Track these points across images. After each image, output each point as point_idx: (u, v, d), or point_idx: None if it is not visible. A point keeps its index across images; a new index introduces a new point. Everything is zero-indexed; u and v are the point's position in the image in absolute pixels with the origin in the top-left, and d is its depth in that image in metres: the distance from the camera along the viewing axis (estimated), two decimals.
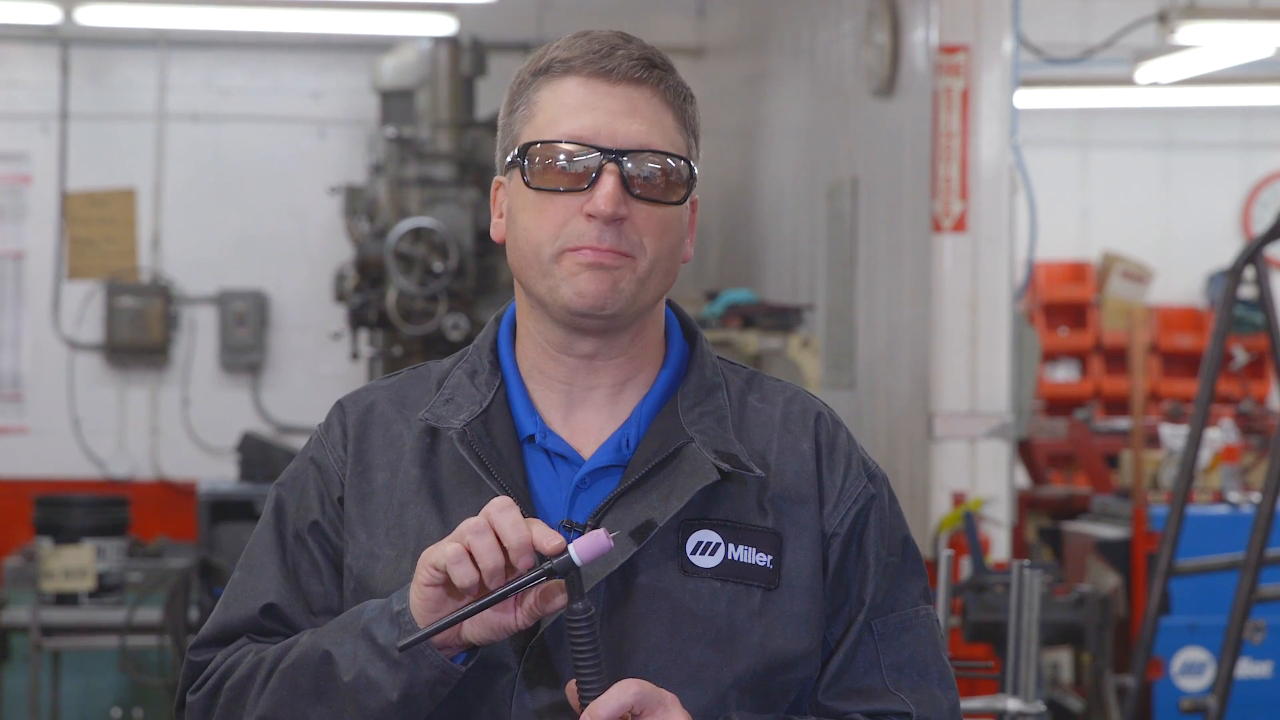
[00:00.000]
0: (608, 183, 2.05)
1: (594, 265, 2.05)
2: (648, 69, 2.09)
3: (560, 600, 1.96)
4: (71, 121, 9.94)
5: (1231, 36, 8.10)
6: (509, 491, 2.06)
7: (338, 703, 2.02)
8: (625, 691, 1.95)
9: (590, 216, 2.05)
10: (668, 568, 2.07)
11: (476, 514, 2.00)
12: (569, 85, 2.09)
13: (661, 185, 2.08)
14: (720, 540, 2.08)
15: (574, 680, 1.96)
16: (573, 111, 2.08)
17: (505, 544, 1.93)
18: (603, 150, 2.06)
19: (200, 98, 10.04)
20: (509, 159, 2.12)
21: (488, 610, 1.95)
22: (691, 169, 2.11)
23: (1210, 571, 6.51)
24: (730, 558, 2.08)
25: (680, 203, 2.10)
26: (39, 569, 7.30)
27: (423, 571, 1.96)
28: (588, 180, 2.06)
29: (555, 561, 1.93)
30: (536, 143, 2.09)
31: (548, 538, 1.93)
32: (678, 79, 2.12)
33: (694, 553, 2.08)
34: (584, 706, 1.95)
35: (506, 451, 2.10)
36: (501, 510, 1.94)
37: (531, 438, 2.12)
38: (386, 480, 2.14)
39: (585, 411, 2.14)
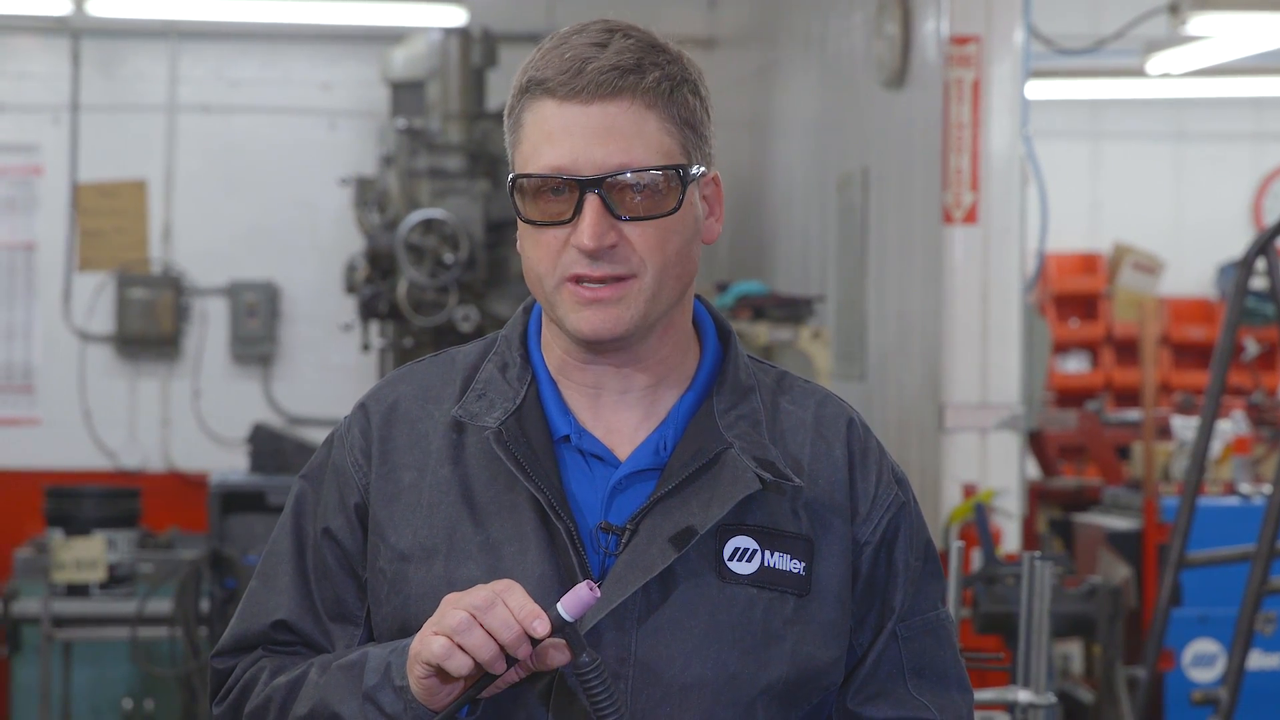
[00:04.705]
0: (589, 214, 2.02)
1: (592, 302, 2.04)
2: (621, 77, 2.03)
3: (558, 657, 1.94)
4: (82, 113, 9.95)
5: (1243, 27, 8.09)
6: (545, 493, 2.05)
7: None
8: None
9: (579, 249, 2.03)
10: (706, 575, 2.05)
11: (509, 514, 2.03)
12: (547, 109, 2.05)
13: (650, 201, 2.04)
14: (757, 547, 2.07)
15: None
16: (550, 139, 2.04)
17: (499, 642, 1.91)
18: (581, 181, 2.02)
19: (211, 89, 10.04)
20: (508, 188, 2.11)
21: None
22: (681, 172, 2.06)
23: (1221, 563, 6.50)
24: (766, 564, 2.07)
25: (675, 210, 2.05)
26: (50, 560, 7.32)
27: (416, 666, 1.96)
28: (573, 210, 2.03)
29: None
30: (522, 177, 2.06)
31: (531, 619, 1.91)
32: (662, 72, 2.05)
33: (731, 559, 2.06)
34: None
35: (541, 451, 2.08)
36: (489, 609, 1.91)
37: (567, 438, 2.10)
38: (414, 480, 2.12)
39: (619, 413, 2.12)
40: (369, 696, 2.01)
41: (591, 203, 2.02)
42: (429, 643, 1.93)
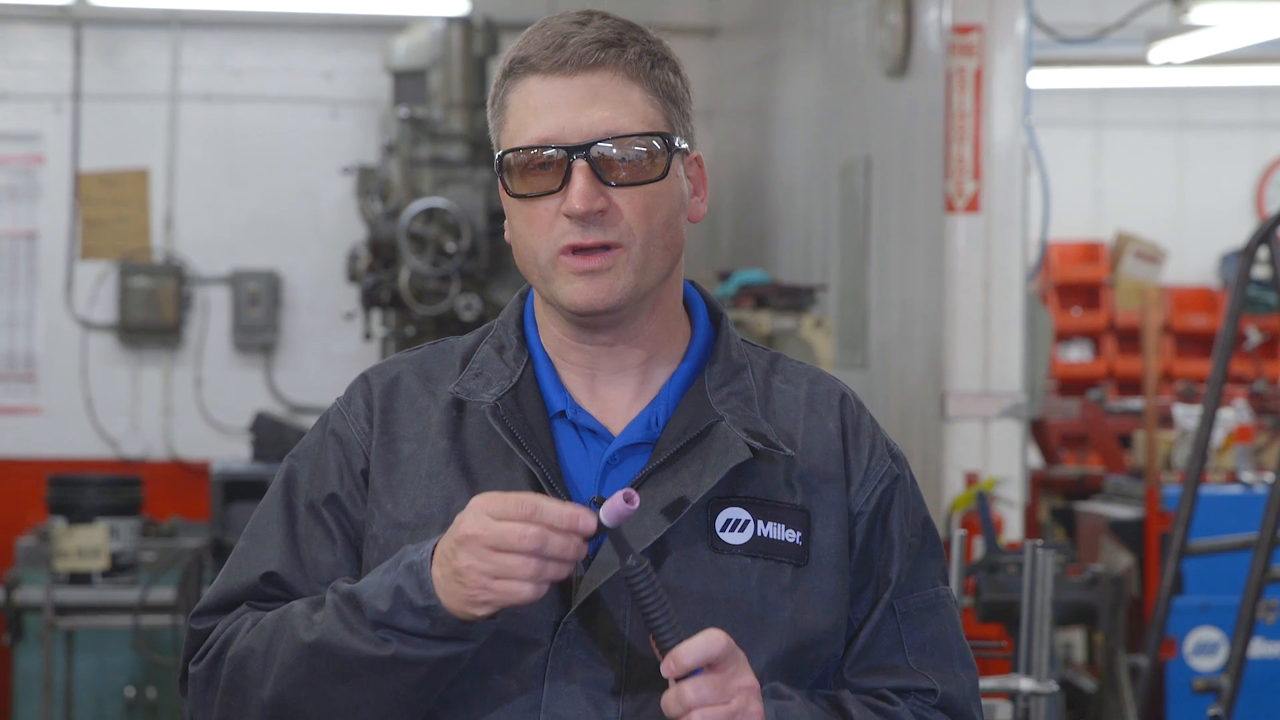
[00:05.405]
0: (578, 180, 2.05)
1: (585, 273, 2.07)
2: (603, 49, 2.08)
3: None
4: (84, 102, 9.94)
5: (1245, 16, 8.09)
6: (540, 467, 2.07)
7: (363, 681, 2.02)
8: (714, 643, 1.96)
9: (569, 216, 2.06)
10: (698, 545, 2.08)
11: (506, 487, 2.03)
12: (531, 85, 2.09)
13: (636, 167, 2.08)
14: (749, 517, 2.09)
15: (650, 634, 1.97)
16: (536, 112, 2.08)
17: (565, 560, 1.94)
18: (569, 148, 2.06)
19: (213, 78, 10.03)
20: (494, 169, 2.14)
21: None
22: (667, 139, 2.10)
23: (1223, 551, 6.51)
24: (760, 534, 2.09)
25: (662, 177, 2.09)
26: (52, 548, 7.32)
27: (483, 609, 1.96)
28: (561, 180, 2.07)
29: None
30: (508, 152, 2.10)
31: (576, 521, 1.94)
32: (642, 47, 2.11)
33: (723, 530, 2.09)
34: (665, 655, 1.96)
35: (537, 426, 2.11)
36: (543, 543, 1.93)
37: (562, 413, 2.13)
38: (413, 451, 2.14)
39: (612, 389, 2.15)
40: (382, 623, 1.99)
41: (580, 168, 2.06)
42: (519, 590, 1.93)
